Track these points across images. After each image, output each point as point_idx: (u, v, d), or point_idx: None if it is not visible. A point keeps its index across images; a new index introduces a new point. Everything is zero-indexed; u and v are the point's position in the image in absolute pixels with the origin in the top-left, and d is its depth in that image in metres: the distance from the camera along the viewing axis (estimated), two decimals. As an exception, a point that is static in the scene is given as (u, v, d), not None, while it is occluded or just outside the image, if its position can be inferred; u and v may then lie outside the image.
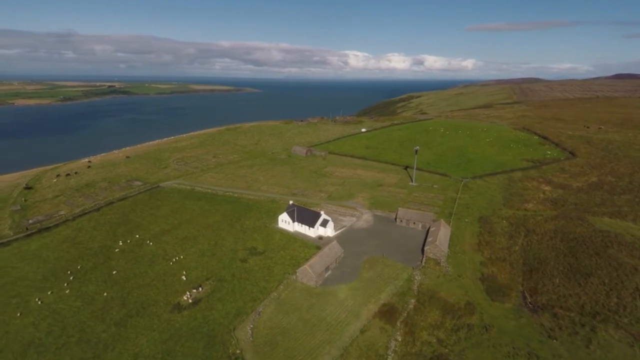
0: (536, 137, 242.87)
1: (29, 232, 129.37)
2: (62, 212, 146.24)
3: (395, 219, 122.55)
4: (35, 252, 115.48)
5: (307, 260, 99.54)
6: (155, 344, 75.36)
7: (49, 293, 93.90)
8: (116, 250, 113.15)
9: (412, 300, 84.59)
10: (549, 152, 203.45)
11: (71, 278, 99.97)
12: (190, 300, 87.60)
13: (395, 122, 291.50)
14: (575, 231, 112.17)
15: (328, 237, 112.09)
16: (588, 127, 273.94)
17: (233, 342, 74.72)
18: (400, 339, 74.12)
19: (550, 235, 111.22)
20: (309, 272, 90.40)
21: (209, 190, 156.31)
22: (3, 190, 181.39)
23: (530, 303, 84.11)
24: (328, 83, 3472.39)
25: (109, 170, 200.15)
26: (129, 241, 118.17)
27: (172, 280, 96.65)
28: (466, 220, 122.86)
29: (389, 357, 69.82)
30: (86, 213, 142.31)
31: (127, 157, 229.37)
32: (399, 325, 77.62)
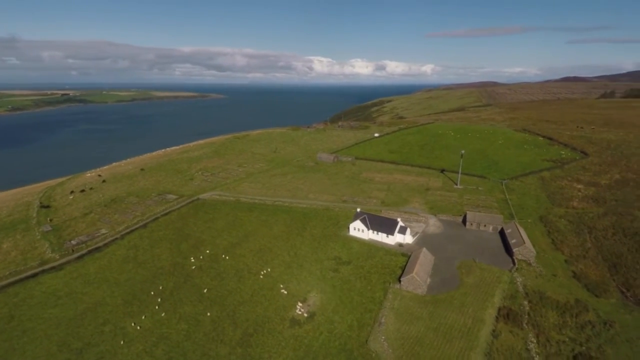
0: (541, 138, 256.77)
1: (78, 254, 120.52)
2: (103, 231, 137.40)
3: (464, 222, 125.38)
4: (98, 275, 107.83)
5: (402, 268, 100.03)
6: (295, 363, 72.74)
7: (143, 317, 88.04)
8: (192, 267, 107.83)
9: (525, 302, 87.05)
10: (563, 152, 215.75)
11: (159, 300, 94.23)
12: (305, 315, 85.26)
13: (402, 126, 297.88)
14: (633, 226, 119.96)
15: (408, 244, 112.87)
16: (582, 128, 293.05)
17: (374, 355, 73.55)
18: (534, 341, 76.02)
19: (612, 232, 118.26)
20: (416, 280, 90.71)
21: (256, 201, 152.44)
22: (15, 210, 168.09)
23: (631, 297, 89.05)
24: (294, 88, 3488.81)
25: (128, 184, 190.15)
26: (201, 257, 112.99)
27: (273, 294, 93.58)
28: (529, 220, 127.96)
29: (536, 358, 71.47)
30: (133, 230, 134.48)
31: (142, 169, 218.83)
32: (526, 327, 79.60)
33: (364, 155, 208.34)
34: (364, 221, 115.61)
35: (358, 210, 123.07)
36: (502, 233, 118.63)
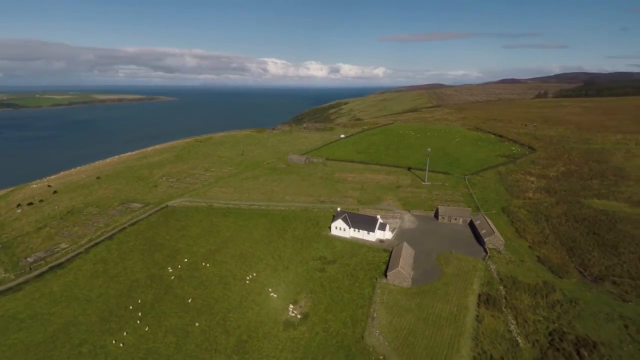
0: (493, 136, 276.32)
1: (37, 272, 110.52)
2: (63, 245, 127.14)
3: (436, 216, 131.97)
4: (65, 293, 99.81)
5: (386, 263, 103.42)
6: (295, 365, 72.55)
7: (125, 334, 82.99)
8: (172, 277, 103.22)
9: (501, 287, 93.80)
10: (513, 148, 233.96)
11: (139, 314, 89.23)
12: (299, 316, 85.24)
13: (365, 127, 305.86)
14: (581, 213, 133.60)
15: (388, 240, 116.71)
16: (526, 125, 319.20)
17: (371, 350, 75.46)
18: (514, 322, 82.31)
19: (565, 218, 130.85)
20: (402, 274, 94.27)
21: (230, 206, 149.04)
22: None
23: (588, 276, 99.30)
24: (249, 89, 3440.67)
25: (85, 194, 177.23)
26: (179, 266, 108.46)
27: (262, 299, 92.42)
28: (493, 212, 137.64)
29: (518, 338, 77.45)
30: (98, 243, 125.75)
31: (98, 177, 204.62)
32: (505, 310, 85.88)
33: (334, 156, 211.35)
34: (345, 220, 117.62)
35: (338, 209, 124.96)
36: (471, 225, 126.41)
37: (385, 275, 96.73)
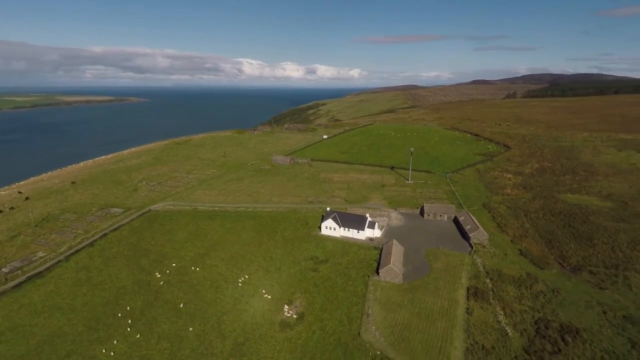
0: (469, 135, 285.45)
1: (15, 283, 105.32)
2: (41, 254, 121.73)
3: (422, 213, 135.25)
4: (46, 303, 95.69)
5: (377, 260, 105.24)
6: (294, 364, 72.70)
7: (115, 342, 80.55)
8: (160, 283, 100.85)
9: (488, 280, 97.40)
10: (489, 147, 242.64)
11: (129, 321, 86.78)
12: (295, 316, 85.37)
13: (346, 128, 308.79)
14: (557, 207, 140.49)
15: (377, 238, 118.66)
16: (499, 125, 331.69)
17: (368, 345, 76.68)
18: (502, 313, 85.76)
19: (542, 213, 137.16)
20: (394, 271, 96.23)
21: (216, 208, 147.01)
22: None
23: (567, 267, 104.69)
24: (224, 90, 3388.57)
25: (60, 200, 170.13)
26: (167, 271, 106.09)
27: (256, 300, 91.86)
28: (475, 208, 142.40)
29: (507, 328, 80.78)
30: (78, 250, 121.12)
31: (73, 182, 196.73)
32: (493, 302, 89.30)
33: (319, 157, 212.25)
34: (334, 219, 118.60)
35: (328, 209, 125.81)
36: (455, 221, 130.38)
37: (377, 273, 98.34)
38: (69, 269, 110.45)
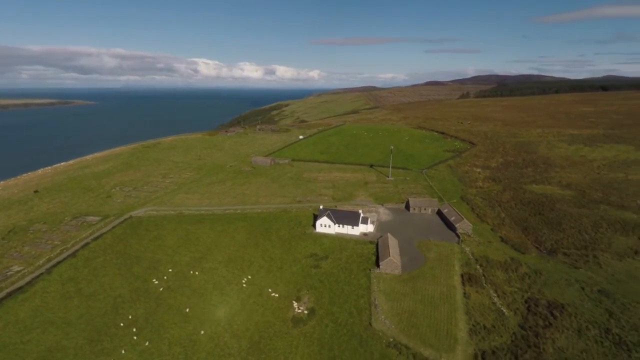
0: (436, 133, 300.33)
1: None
2: (16, 268, 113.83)
3: (407, 208, 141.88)
4: (35, 318, 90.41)
5: (374, 254, 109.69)
6: (314, 356, 74.73)
7: (123, 352, 78.15)
8: (160, 289, 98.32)
9: (478, 266, 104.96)
10: (456, 144, 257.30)
11: (134, 329, 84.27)
12: (305, 311, 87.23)
13: (320, 128, 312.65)
14: (525, 197, 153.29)
15: (371, 233, 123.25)
16: (461, 123, 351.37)
17: (380, 334, 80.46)
18: (496, 295, 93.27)
19: (514, 202, 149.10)
20: (394, 262, 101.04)
21: (203, 212, 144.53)
22: None
23: (543, 250, 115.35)
24: (179, 91, 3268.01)
25: (25, 211, 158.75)
26: (165, 277, 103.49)
27: (264, 300, 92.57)
28: (454, 200, 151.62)
29: (502, 308, 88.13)
30: (60, 262, 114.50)
31: (36, 191, 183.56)
32: (486, 286, 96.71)
33: (299, 157, 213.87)
34: (329, 217, 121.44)
35: (321, 207, 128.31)
36: (439, 213, 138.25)
37: (378, 265, 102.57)
38: (54, 282, 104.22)
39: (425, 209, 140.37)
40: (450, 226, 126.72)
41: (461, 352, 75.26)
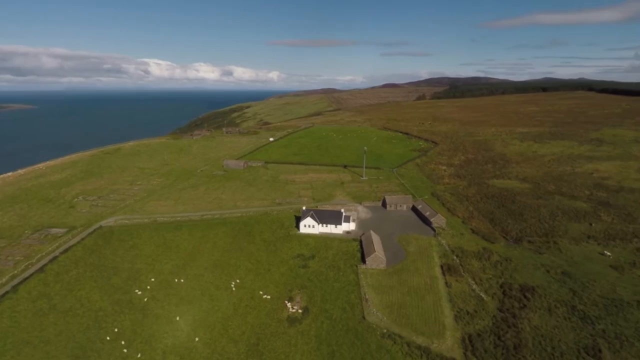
0: (401, 134, 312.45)
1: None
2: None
3: (384, 205, 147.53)
4: (7, 339, 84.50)
5: (359, 251, 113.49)
6: (314, 352, 76.52)
7: (114, 367, 74.90)
8: (145, 299, 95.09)
9: (455, 257, 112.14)
10: (421, 143, 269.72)
11: (122, 342, 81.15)
12: (299, 310, 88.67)
13: (289, 131, 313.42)
14: (489, 191, 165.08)
15: (353, 230, 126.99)
16: (423, 124, 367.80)
17: (374, 326, 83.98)
18: (474, 283, 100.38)
19: (479, 197, 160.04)
20: (379, 258, 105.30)
21: (179, 218, 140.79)
22: None
23: (510, 239, 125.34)
24: (129, 94, 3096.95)
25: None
26: (148, 287, 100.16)
27: (256, 302, 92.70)
28: (426, 197, 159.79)
29: (481, 294, 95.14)
30: (27, 278, 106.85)
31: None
32: (464, 275, 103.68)
33: (272, 159, 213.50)
34: (313, 217, 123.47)
35: (304, 208, 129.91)
36: (414, 209, 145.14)
37: (364, 261, 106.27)
38: (22, 300, 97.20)
39: (401, 206, 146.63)
40: (426, 221, 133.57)
41: (450, 337, 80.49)
